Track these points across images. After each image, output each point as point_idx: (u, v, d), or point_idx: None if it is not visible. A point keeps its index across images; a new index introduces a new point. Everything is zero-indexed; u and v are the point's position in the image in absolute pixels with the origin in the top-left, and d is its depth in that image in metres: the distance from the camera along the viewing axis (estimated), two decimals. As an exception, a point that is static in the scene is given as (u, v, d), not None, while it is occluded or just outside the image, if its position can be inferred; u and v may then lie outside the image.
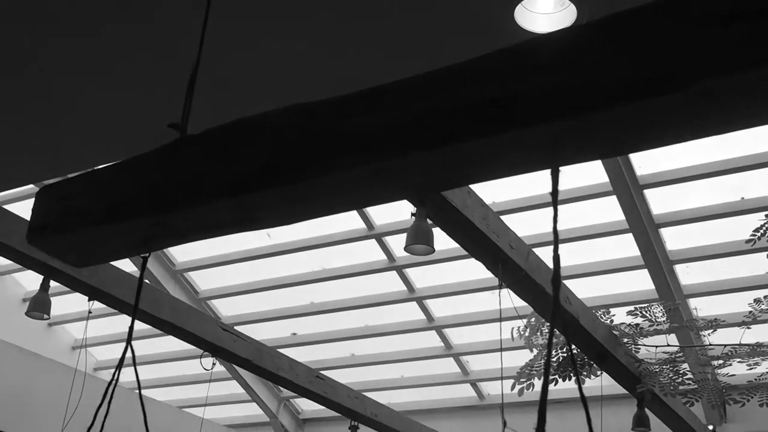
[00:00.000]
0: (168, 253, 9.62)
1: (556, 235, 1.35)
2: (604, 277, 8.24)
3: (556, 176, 1.39)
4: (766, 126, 1.38)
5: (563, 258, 1.39)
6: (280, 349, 7.70)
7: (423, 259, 8.06)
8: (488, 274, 5.49)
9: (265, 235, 8.83)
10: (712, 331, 7.00)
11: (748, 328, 6.84)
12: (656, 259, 7.55)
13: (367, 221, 8.38)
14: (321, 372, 8.01)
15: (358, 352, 10.35)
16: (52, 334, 10.72)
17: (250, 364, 6.93)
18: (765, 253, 6.47)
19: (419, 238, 5.51)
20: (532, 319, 6.84)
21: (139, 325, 1.98)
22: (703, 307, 7.90)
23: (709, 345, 7.16)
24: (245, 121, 1.74)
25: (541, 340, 6.87)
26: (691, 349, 7.39)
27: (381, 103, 1.58)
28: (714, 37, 1.25)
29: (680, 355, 7.20)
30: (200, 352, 6.94)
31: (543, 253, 5.45)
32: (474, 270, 7.68)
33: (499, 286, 5.08)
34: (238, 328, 7.21)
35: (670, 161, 7.10)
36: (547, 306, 5.52)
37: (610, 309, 6.93)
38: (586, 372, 6.99)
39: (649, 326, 6.95)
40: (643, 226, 7.30)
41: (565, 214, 7.35)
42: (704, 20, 1.27)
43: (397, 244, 8.39)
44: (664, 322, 6.93)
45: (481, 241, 4.76)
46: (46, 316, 7.36)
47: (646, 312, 6.89)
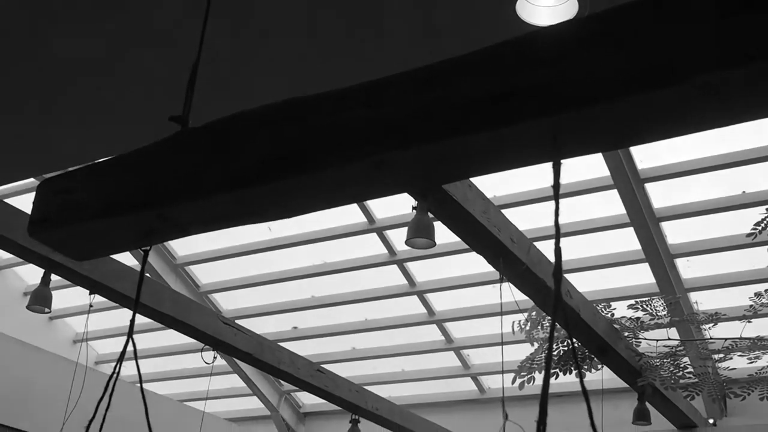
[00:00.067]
0: (169, 247, 9.62)
1: (558, 228, 1.35)
2: (604, 271, 8.24)
3: (558, 169, 1.39)
4: (766, 119, 1.38)
5: (564, 252, 1.38)
6: (281, 343, 7.70)
7: (424, 253, 8.06)
8: (489, 268, 5.50)
9: (266, 229, 8.83)
10: (712, 324, 7.00)
11: (749, 322, 6.84)
12: (657, 253, 7.55)
13: (368, 215, 8.37)
14: (322, 366, 8.02)
15: (359, 346, 10.35)
16: (53, 327, 10.72)
17: (251, 357, 6.94)
18: (766, 247, 6.47)
19: (420, 232, 5.51)
20: (533, 313, 6.84)
21: (140, 319, 1.98)
22: (703, 301, 7.90)
23: (710, 339, 7.16)
24: (246, 115, 1.74)
25: (541, 334, 6.88)
26: (692, 343, 7.39)
27: (381, 96, 1.57)
28: (713, 31, 1.25)
29: (681, 348, 7.20)
30: (201, 345, 6.94)
31: (544, 246, 5.45)
32: (475, 264, 7.67)
33: (500, 280, 5.08)
34: (239, 322, 7.22)
35: (671, 155, 7.09)
36: (548, 300, 5.53)
37: (611, 303, 6.94)
38: (586, 366, 6.99)
39: (650, 320, 6.96)
40: (643, 219, 7.29)
41: (566, 208, 7.35)
42: (703, 13, 1.27)
43: (398, 237, 8.39)
44: (664, 315, 6.94)
45: (482, 234, 4.76)
46: (47, 310, 7.36)
47: (647, 306, 6.89)
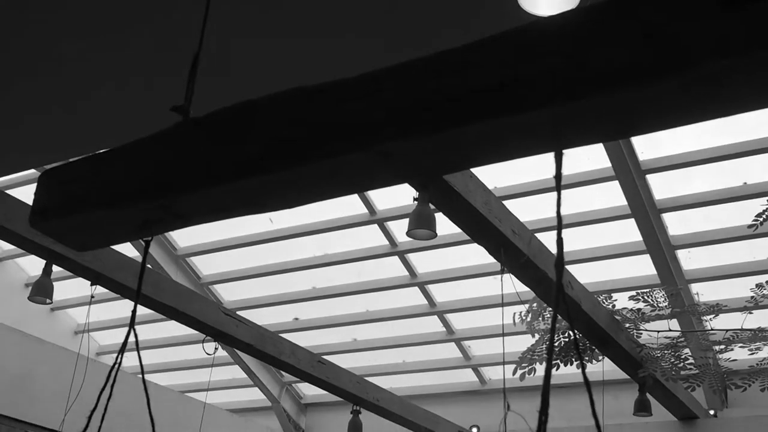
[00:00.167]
0: (170, 238, 9.62)
1: (560, 219, 1.35)
2: (605, 262, 8.24)
3: (560, 159, 1.39)
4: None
5: (565, 243, 1.38)
6: (282, 334, 7.71)
7: (425, 244, 8.06)
8: (490, 259, 5.50)
9: (267, 220, 8.83)
10: (713, 316, 7.01)
11: (750, 313, 6.85)
12: (658, 244, 7.55)
13: (369, 206, 8.37)
14: (323, 357, 8.03)
15: (360, 337, 10.37)
16: (54, 318, 10.74)
17: (252, 348, 6.95)
18: (767, 238, 6.47)
19: (421, 223, 5.51)
20: (534, 304, 6.85)
21: (141, 310, 1.98)
22: (704, 292, 7.91)
23: (711, 330, 7.17)
24: (246, 105, 1.74)
25: (542, 325, 6.89)
26: (693, 334, 7.40)
27: (382, 86, 1.57)
28: (716, 20, 1.25)
29: (682, 340, 7.21)
30: (202, 336, 6.95)
31: (545, 238, 5.46)
32: (476, 255, 7.67)
33: (501, 271, 5.08)
34: (240, 313, 7.22)
35: (672, 146, 7.09)
36: (549, 291, 5.53)
37: (612, 294, 6.95)
38: (587, 357, 7.00)
39: (651, 311, 6.97)
40: (645, 211, 7.29)
41: (568, 199, 7.35)
42: (706, 3, 1.27)
43: (399, 229, 8.39)
44: (665, 307, 6.94)
45: (484, 225, 4.76)
46: (48, 301, 7.37)
47: (648, 297, 6.90)
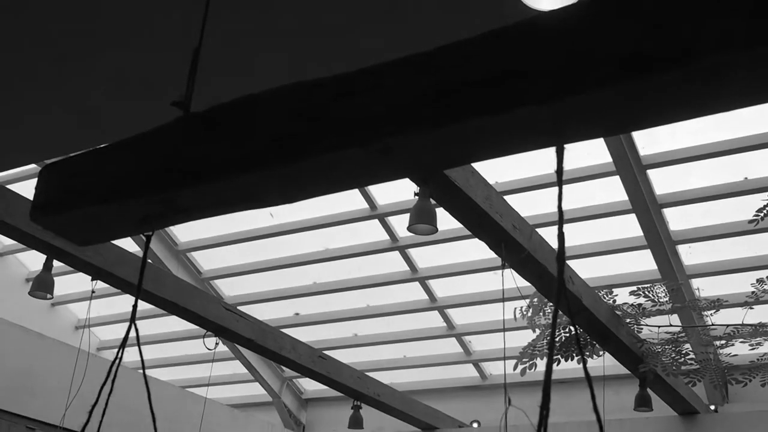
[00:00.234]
0: (171, 233, 9.62)
1: (561, 213, 1.35)
2: (606, 257, 8.24)
3: (562, 153, 1.39)
4: (771, 104, 1.38)
5: (566, 237, 1.38)
6: (282, 329, 7.72)
7: (426, 239, 8.06)
8: (491, 254, 5.50)
9: (268, 215, 8.83)
10: (714, 311, 7.01)
11: (751, 308, 6.86)
12: (659, 239, 7.55)
13: (370, 201, 8.37)
14: (324, 352, 8.04)
15: (360, 332, 10.37)
16: (55, 313, 10.74)
17: (253, 344, 6.96)
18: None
19: (422, 218, 5.52)
20: (535, 300, 6.85)
21: (141, 305, 1.98)
22: (705, 287, 7.90)
23: (712, 325, 7.17)
24: (247, 100, 1.74)
25: (543, 321, 6.89)
26: (694, 329, 7.40)
27: (382, 81, 1.57)
28: (721, 12, 1.25)
29: (682, 335, 7.21)
30: (203, 331, 6.96)
31: (546, 233, 5.45)
32: (477, 250, 7.69)
33: (502, 266, 5.08)
34: (241, 308, 7.22)
35: (673, 141, 7.09)
36: (550, 286, 5.53)
37: (613, 289, 6.94)
38: (588, 352, 7.00)
39: (652, 306, 6.97)
40: (645, 206, 7.29)
41: (568, 194, 7.32)
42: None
43: (400, 224, 8.39)
44: (666, 302, 6.95)
45: (484, 220, 4.76)
46: (49, 296, 7.37)
47: (649, 292, 6.90)
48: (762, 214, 6.09)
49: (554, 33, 1.41)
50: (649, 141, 7.03)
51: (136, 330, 1.86)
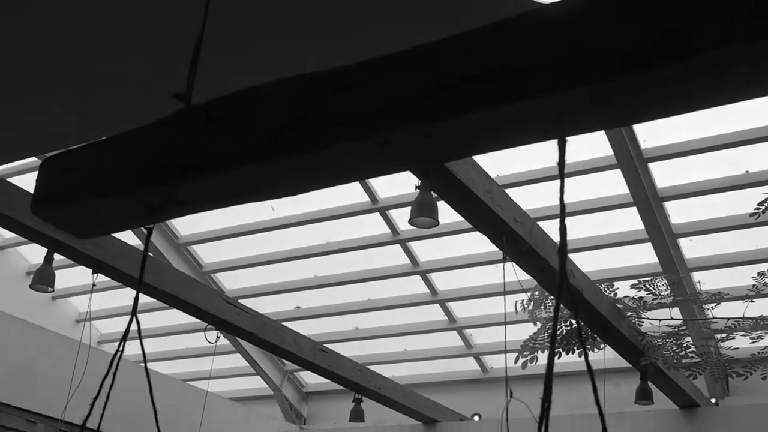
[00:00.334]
0: (172, 226, 9.62)
1: (563, 206, 1.34)
2: (607, 251, 8.24)
3: (563, 146, 1.38)
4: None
5: (567, 231, 1.38)
6: (284, 323, 7.71)
7: (427, 233, 8.06)
8: (492, 247, 5.49)
9: (269, 208, 8.83)
10: (715, 304, 7.01)
11: (752, 302, 6.85)
12: (660, 233, 7.54)
13: (371, 194, 8.37)
14: (325, 345, 8.04)
15: (362, 326, 10.37)
16: (56, 307, 10.75)
17: (254, 337, 6.95)
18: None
19: (424, 211, 5.51)
20: (536, 293, 6.85)
21: (142, 298, 1.97)
22: (706, 281, 7.90)
23: (713, 318, 7.17)
24: (248, 92, 1.73)
25: (544, 314, 6.89)
26: (695, 323, 7.40)
27: (381, 74, 1.57)
28: (719, 8, 1.24)
29: (683, 328, 7.21)
30: (204, 325, 6.96)
31: (547, 226, 5.45)
32: (478, 243, 7.68)
33: (503, 260, 5.08)
34: (242, 301, 7.22)
35: (674, 134, 7.08)
36: (551, 279, 5.53)
37: (614, 282, 6.94)
38: (589, 345, 7.00)
39: (653, 299, 6.97)
40: (647, 199, 7.28)
41: (569, 188, 7.31)
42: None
43: (401, 217, 8.39)
44: (667, 295, 6.94)
45: (486, 214, 4.76)
46: (50, 289, 7.37)
47: (650, 285, 6.90)
48: (763, 208, 6.09)
49: (556, 26, 1.40)
50: (650, 134, 7.02)
51: (138, 323, 1.86)
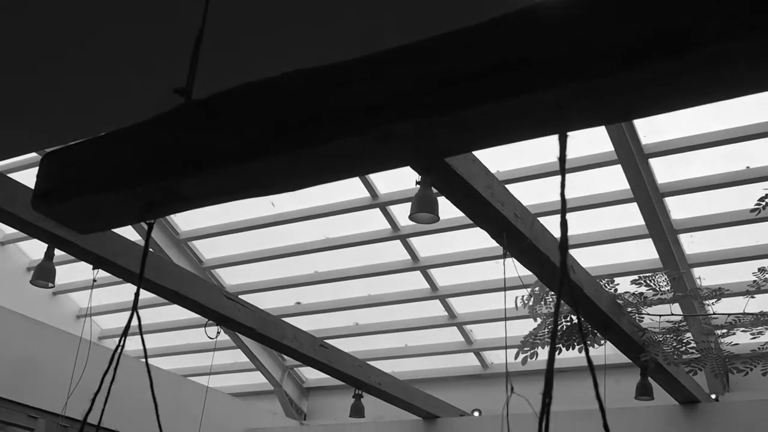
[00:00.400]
0: (172, 222, 9.62)
1: (564, 201, 1.34)
2: (608, 247, 8.24)
3: (564, 141, 1.38)
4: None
5: (568, 226, 1.38)
6: (284, 318, 7.72)
7: (427, 228, 8.06)
8: (493, 243, 5.49)
9: (269, 204, 8.83)
10: (715, 300, 7.01)
11: (752, 297, 6.85)
12: (660, 228, 7.55)
13: (371, 190, 8.37)
14: (325, 341, 8.04)
15: (362, 321, 10.38)
16: (56, 302, 10.75)
17: (254, 332, 6.96)
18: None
19: (424, 207, 5.51)
20: (536, 288, 6.85)
21: (143, 294, 1.96)
22: (707, 276, 7.90)
23: (713, 314, 7.17)
24: (248, 87, 1.73)
25: (545, 310, 6.89)
26: (695, 318, 7.40)
27: (382, 69, 1.56)
28: (720, 3, 1.24)
29: (684, 324, 7.21)
30: (204, 320, 6.96)
31: (547, 221, 5.45)
32: (478, 239, 7.68)
33: (504, 255, 5.08)
34: (242, 297, 7.22)
35: (675, 130, 7.08)
36: (552, 275, 5.53)
37: (614, 278, 6.94)
38: (589, 341, 7.00)
39: (653, 295, 6.96)
40: (647, 195, 7.28)
41: (570, 183, 7.32)
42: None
43: (402, 213, 8.39)
44: (667, 291, 6.94)
45: (486, 209, 4.75)
46: (50, 285, 7.37)
47: (650, 281, 6.90)
48: (764, 203, 6.09)
49: (557, 21, 1.40)
50: (650, 129, 7.02)
51: (138, 319, 1.86)
